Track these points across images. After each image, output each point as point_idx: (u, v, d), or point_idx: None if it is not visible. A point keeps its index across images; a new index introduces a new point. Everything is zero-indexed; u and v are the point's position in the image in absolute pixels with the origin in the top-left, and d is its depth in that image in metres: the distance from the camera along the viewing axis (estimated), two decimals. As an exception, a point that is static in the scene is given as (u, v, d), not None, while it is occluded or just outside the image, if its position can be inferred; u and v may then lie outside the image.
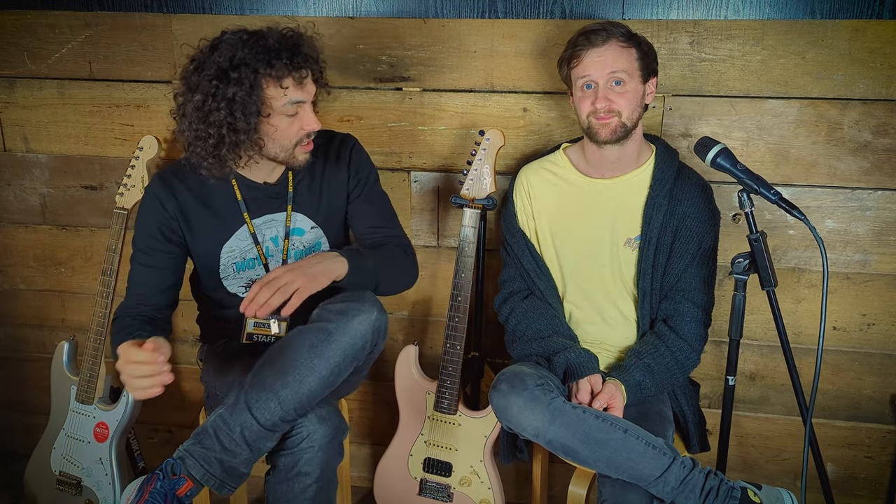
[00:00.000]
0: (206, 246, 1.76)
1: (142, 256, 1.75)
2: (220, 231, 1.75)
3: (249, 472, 1.59)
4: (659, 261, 1.76)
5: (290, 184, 1.77)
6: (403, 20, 1.99)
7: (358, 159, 1.83)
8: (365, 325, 1.56)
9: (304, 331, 1.58)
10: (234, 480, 1.57)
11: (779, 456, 2.17)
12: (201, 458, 1.54)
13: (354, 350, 1.56)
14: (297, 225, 1.78)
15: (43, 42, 2.12)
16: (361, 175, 1.83)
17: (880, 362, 2.05)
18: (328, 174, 1.80)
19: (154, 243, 1.74)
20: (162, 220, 1.73)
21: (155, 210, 1.73)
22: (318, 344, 1.54)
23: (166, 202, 1.72)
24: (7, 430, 2.51)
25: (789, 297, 2.03)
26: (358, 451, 2.38)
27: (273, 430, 1.56)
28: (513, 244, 1.88)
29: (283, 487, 1.61)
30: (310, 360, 1.54)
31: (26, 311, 2.40)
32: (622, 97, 1.67)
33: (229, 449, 1.54)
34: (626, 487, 1.58)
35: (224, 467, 1.55)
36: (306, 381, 1.53)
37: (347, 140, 1.85)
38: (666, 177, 1.76)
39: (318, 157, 1.78)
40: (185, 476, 1.53)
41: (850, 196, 1.95)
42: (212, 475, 1.54)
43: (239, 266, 1.78)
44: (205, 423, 1.58)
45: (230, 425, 1.54)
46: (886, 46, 1.83)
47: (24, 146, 2.24)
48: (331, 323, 1.56)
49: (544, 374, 1.67)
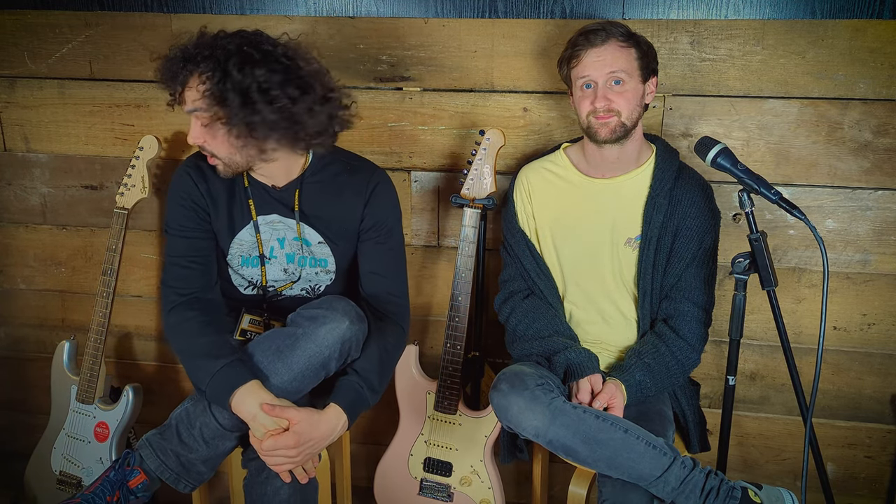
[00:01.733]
0: (224, 231, 1.75)
1: (177, 230, 1.70)
2: (236, 220, 1.74)
3: (211, 472, 1.58)
4: (659, 261, 1.76)
5: (298, 193, 1.72)
6: (404, 20, 1.99)
7: (378, 200, 1.74)
8: (333, 335, 1.54)
9: (274, 333, 1.57)
10: (192, 477, 1.56)
11: (779, 456, 2.17)
12: (158, 450, 1.54)
13: (320, 359, 1.54)
14: (304, 235, 1.75)
15: (43, 42, 2.12)
16: (378, 218, 1.75)
17: (880, 362, 2.05)
18: (343, 202, 1.73)
19: (189, 214, 1.70)
20: (195, 197, 1.70)
21: (189, 187, 1.69)
22: (284, 349, 1.53)
23: (199, 182, 1.69)
24: (7, 429, 2.51)
25: (790, 296, 2.03)
26: (358, 450, 2.38)
27: (231, 431, 1.55)
28: (513, 244, 1.88)
29: (257, 491, 1.61)
30: (273, 364, 1.53)
31: (26, 310, 2.40)
32: (621, 97, 1.67)
33: (186, 443, 1.54)
34: (627, 487, 1.58)
35: (181, 461, 1.54)
36: (268, 385, 1.52)
37: (374, 177, 1.75)
38: (666, 176, 1.76)
39: (338, 179, 1.73)
40: (138, 468, 1.52)
41: (851, 196, 1.95)
42: (167, 468, 1.54)
43: (244, 260, 1.76)
44: (171, 415, 1.57)
45: (192, 419, 1.54)
46: (887, 46, 1.83)
47: (24, 146, 2.24)
48: (299, 328, 1.55)
49: (545, 374, 1.67)
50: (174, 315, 1.64)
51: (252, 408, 1.48)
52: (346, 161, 1.76)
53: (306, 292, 1.80)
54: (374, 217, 1.74)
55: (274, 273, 1.77)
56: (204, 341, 1.57)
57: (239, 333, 1.76)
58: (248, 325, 1.76)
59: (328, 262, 1.77)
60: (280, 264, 1.77)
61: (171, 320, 1.64)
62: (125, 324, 2.35)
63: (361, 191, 1.73)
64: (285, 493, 1.59)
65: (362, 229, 1.76)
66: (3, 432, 2.52)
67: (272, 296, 1.79)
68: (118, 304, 2.22)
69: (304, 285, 1.79)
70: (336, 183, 1.73)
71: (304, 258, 1.77)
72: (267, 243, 1.75)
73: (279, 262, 1.77)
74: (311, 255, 1.77)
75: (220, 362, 1.51)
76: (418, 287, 2.19)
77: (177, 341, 1.62)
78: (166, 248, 1.72)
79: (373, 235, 1.76)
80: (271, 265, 1.77)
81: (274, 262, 1.77)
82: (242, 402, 1.48)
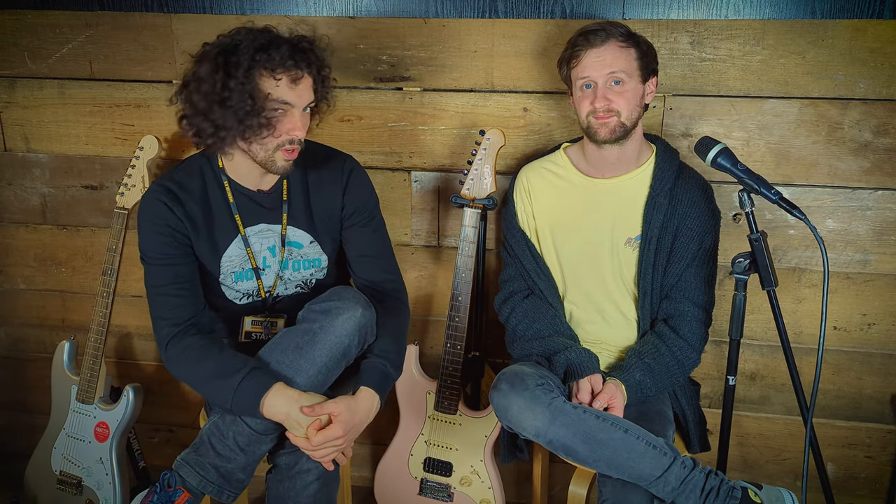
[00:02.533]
0: (208, 253, 1.71)
1: (158, 259, 1.65)
2: (219, 239, 1.71)
3: (249, 478, 1.59)
4: (659, 261, 1.76)
5: (285, 193, 1.72)
6: (404, 20, 1.99)
7: (356, 185, 1.76)
8: (350, 324, 1.56)
9: (289, 332, 1.58)
10: (233, 486, 1.57)
11: (779, 456, 2.17)
12: (196, 466, 1.55)
13: (341, 348, 1.56)
14: (294, 238, 1.75)
15: (43, 42, 2.12)
16: (358, 202, 1.76)
17: (881, 362, 2.05)
18: (323, 194, 1.74)
19: (169, 241, 1.65)
20: (172, 222, 1.64)
21: (164, 213, 1.64)
22: (304, 345, 1.55)
23: (174, 206, 1.64)
24: (7, 429, 2.51)
25: (790, 296, 2.03)
26: (358, 450, 2.38)
27: (266, 434, 1.56)
28: (513, 244, 1.88)
29: (284, 486, 1.61)
30: (297, 362, 1.54)
31: (27, 310, 2.40)
32: (621, 97, 1.67)
33: (223, 455, 1.55)
34: (627, 487, 1.58)
35: (220, 473, 1.55)
36: (294, 383, 1.54)
37: (347, 163, 1.76)
38: (666, 176, 1.76)
39: (313, 173, 1.74)
40: (180, 487, 1.53)
41: (851, 196, 1.95)
42: (208, 482, 1.55)
43: (237, 276, 1.74)
44: (201, 431, 1.59)
45: (223, 431, 1.55)
46: (887, 46, 1.83)
47: (24, 146, 2.24)
48: (315, 323, 1.56)
49: (545, 374, 1.67)
50: (173, 347, 1.62)
51: (284, 408, 1.50)
52: (316, 153, 1.76)
53: (301, 289, 1.80)
54: (355, 202, 1.76)
55: (270, 281, 1.77)
56: (212, 363, 1.57)
57: (244, 336, 1.78)
58: (250, 328, 1.78)
59: (321, 260, 1.78)
60: (274, 272, 1.76)
61: (172, 353, 1.62)
62: (125, 324, 2.35)
63: (338, 179, 1.75)
64: (314, 489, 1.61)
65: (344, 216, 1.77)
66: (3, 432, 2.52)
67: (272, 301, 1.79)
68: (118, 304, 2.22)
69: (298, 282, 1.80)
70: (312, 177, 1.74)
71: (298, 262, 1.77)
72: (259, 254, 1.74)
73: (273, 270, 1.76)
74: (303, 257, 1.77)
75: (237, 377, 1.52)
76: (418, 287, 2.19)
77: (184, 371, 1.61)
78: (148, 279, 1.66)
79: (356, 220, 1.77)
80: (266, 275, 1.76)
81: (268, 272, 1.76)
82: (273, 405, 1.50)
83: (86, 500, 2.07)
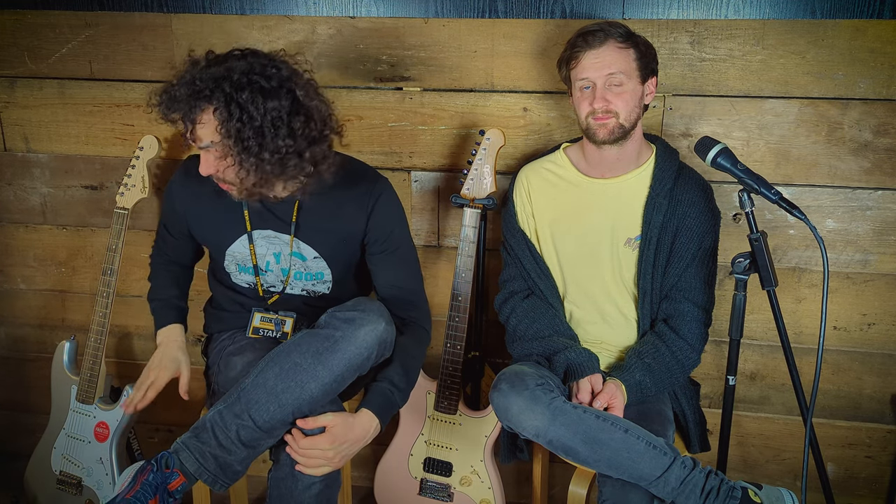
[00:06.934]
0: (213, 242, 1.80)
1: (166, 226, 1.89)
2: (227, 232, 1.76)
3: (245, 470, 1.59)
4: (659, 261, 1.76)
5: (299, 205, 1.71)
6: (404, 20, 1.99)
7: (382, 212, 1.73)
8: (371, 336, 1.56)
9: (310, 335, 1.58)
10: (229, 477, 1.57)
11: (779, 456, 2.17)
12: (196, 452, 1.54)
13: (359, 360, 1.56)
14: (298, 250, 1.75)
15: (43, 42, 2.12)
16: (384, 230, 1.74)
17: (881, 362, 2.05)
18: (344, 214, 1.72)
19: (173, 217, 1.85)
20: (175, 208, 1.81)
21: (170, 200, 1.81)
22: (324, 351, 1.54)
23: (177, 198, 1.78)
24: (7, 430, 2.51)
25: (790, 296, 2.03)
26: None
27: (270, 432, 1.56)
28: (513, 244, 1.88)
29: (286, 483, 1.61)
30: (314, 367, 1.54)
31: (26, 310, 2.40)
32: (620, 97, 1.67)
33: (225, 447, 1.55)
34: (627, 487, 1.58)
35: (219, 463, 1.55)
36: (308, 387, 1.54)
37: (377, 187, 1.73)
38: (666, 176, 1.76)
39: (339, 191, 1.70)
40: (177, 470, 1.53)
41: (851, 196, 1.95)
42: (206, 470, 1.54)
43: (241, 268, 1.79)
44: (203, 417, 1.58)
45: (227, 423, 1.55)
46: (887, 46, 1.83)
47: (24, 146, 2.24)
48: (337, 331, 1.56)
49: (545, 374, 1.67)
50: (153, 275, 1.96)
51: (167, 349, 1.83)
52: (346, 170, 1.71)
53: (306, 292, 1.81)
54: (379, 229, 1.74)
55: (272, 281, 1.80)
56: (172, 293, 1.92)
57: (252, 332, 1.79)
58: (259, 323, 1.80)
59: (324, 274, 1.79)
60: (276, 276, 1.79)
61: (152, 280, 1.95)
62: (125, 324, 2.35)
63: (364, 204, 1.72)
64: (316, 489, 1.61)
65: (368, 241, 1.76)
66: (4, 432, 2.52)
67: (272, 295, 1.81)
68: (118, 304, 2.22)
69: (302, 287, 1.81)
70: (335, 195, 1.71)
71: (300, 273, 1.78)
72: (263, 257, 1.76)
73: (275, 274, 1.78)
74: (306, 269, 1.78)
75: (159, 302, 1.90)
76: (418, 287, 2.19)
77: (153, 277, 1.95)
78: (159, 230, 1.94)
79: (382, 248, 1.76)
80: (267, 276, 1.79)
81: (269, 274, 1.79)
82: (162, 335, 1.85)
83: (86, 501, 2.07)
